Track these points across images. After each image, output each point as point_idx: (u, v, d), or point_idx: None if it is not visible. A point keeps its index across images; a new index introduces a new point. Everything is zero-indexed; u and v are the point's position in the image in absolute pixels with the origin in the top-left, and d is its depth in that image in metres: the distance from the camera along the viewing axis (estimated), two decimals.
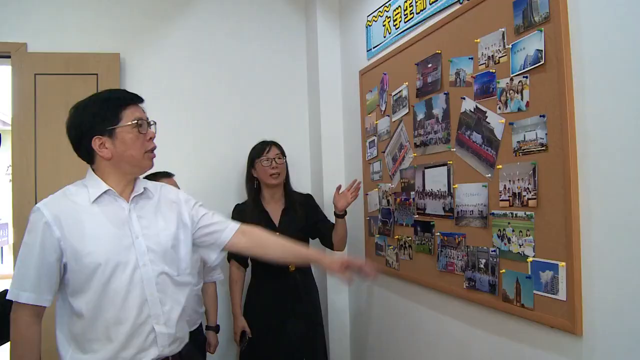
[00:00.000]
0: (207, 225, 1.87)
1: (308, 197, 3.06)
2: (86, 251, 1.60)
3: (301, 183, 3.39)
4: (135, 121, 1.67)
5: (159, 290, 1.67)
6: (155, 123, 1.76)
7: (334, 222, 2.85)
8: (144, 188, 1.77)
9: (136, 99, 1.74)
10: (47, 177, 2.99)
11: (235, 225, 1.91)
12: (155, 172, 2.42)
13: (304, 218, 2.91)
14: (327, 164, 3.32)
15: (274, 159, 2.86)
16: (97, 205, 1.67)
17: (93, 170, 1.73)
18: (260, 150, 2.90)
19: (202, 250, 1.92)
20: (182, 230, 1.81)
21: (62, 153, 2.99)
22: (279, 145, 2.95)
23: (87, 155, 1.71)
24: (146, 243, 1.68)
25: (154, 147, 1.75)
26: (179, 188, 2.34)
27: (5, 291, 1.88)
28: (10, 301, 1.62)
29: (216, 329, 2.86)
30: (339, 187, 2.69)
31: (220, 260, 1.98)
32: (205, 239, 1.88)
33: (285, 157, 2.94)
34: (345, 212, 2.76)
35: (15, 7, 3.09)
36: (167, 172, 2.60)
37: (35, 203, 2.91)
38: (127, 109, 1.69)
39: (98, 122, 1.65)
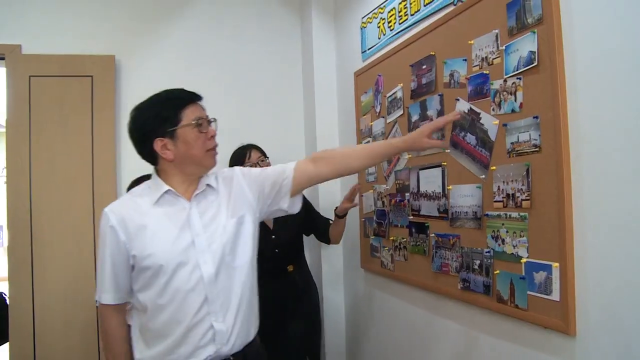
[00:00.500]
0: (271, 182, 1.83)
1: None
2: (148, 252, 1.63)
3: None
4: (195, 120, 1.67)
5: (219, 288, 1.67)
6: (215, 120, 1.76)
7: (326, 218, 2.86)
8: (207, 185, 1.77)
9: (195, 97, 1.73)
10: (41, 179, 2.99)
11: (291, 164, 1.86)
12: (142, 176, 2.32)
13: (297, 217, 2.90)
14: None
15: (257, 163, 2.82)
16: (159, 206, 1.70)
17: (157, 171, 1.76)
18: (241, 156, 2.84)
19: (272, 205, 1.86)
20: (247, 210, 1.80)
21: (57, 155, 3.00)
22: (259, 147, 2.92)
23: (150, 157, 1.73)
24: (207, 241, 1.68)
25: (216, 145, 1.75)
26: None
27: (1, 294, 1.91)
28: (6, 304, 1.65)
29: None
30: (349, 195, 2.68)
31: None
32: (273, 195, 1.84)
33: (268, 157, 2.91)
34: (346, 213, 2.78)
35: (9, 8, 3.08)
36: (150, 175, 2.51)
37: (30, 205, 2.96)
38: (186, 108, 1.69)
39: (158, 124, 1.66)
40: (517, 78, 1.65)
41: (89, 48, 3.14)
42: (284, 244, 2.79)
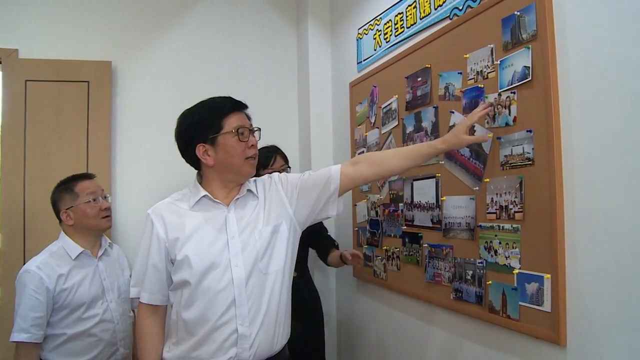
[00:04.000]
0: (318, 191, 1.82)
1: None
2: (183, 252, 1.69)
3: None
4: (236, 129, 1.73)
5: (249, 292, 1.70)
6: (259, 129, 1.81)
7: (333, 239, 2.90)
8: (248, 190, 1.82)
9: (239, 106, 1.79)
10: (35, 183, 2.98)
11: (336, 167, 1.84)
12: (75, 175, 2.35)
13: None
14: None
15: (279, 170, 2.70)
16: (196, 210, 1.76)
17: (198, 176, 1.84)
18: (265, 159, 2.73)
19: (321, 213, 1.85)
20: (283, 218, 1.81)
21: (52, 159, 3.00)
22: (283, 153, 2.85)
23: (193, 161, 1.80)
24: (241, 244, 1.71)
25: (255, 154, 1.78)
26: (102, 190, 2.36)
27: None
28: None
29: None
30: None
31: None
32: (322, 204, 1.83)
33: (290, 167, 2.85)
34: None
35: (7, 13, 3.09)
36: (87, 174, 2.42)
37: (24, 210, 2.95)
38: (229, 116, 1.74)
39: (201, 130, 1.73)
40: (512, 92, 1.68)
41: (86, 53, 3.15)
42: None
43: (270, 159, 2.76)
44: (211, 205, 1.77)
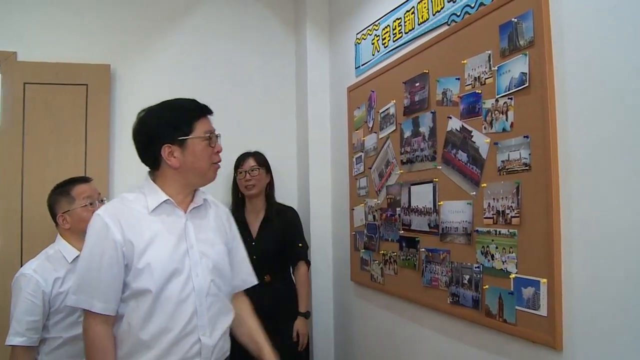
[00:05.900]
0: (231, 256, 1.87)
1: (289, 210, 3.11)
2: (144, 259, 1.61)
3: (288, 197, 3.39)
4: (207, 134, 1.72)
5: (209, 302, 1.68)
6: (219, 135, 1.78)
7: (303, 246, 3.01)
8: (204, 200, 1.81)
9: (207, 111, 1.77)
10: (33, 186, 2.98)
11: (250, 281, 1.97)
12: (71, 179, 2.33)
13: (281, 230, 2.94)
14: (314, 178, 3.35)
15: (248, 171, 2.95)
16: (155, 214, 1.69)
17: (152, 176, 1.76)
18: (238, 162, 3.02)
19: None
20: (228, 243, 1.85)
21: (50, 162, 3.00)
22: (259, 155, 3.03)
23: (152, 161, 1.74)
24: (200, 254, 1.69)
25: (220, 160, 1.77)
26: (99, 193, 2.34)
27: None
28: None
29: None
30: None
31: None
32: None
33: (265, 167, 3.01)
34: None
35: (6, 16, 3.09)
36: (84, 177, 2.43)
37: (21, 212, 2.94)
38: (199, 120, 1.72)
39: (170, 130, 1.68)
40: (509, 98, 1.69)
41: (85, 56, 3.15)
42: (263, 252, 2.80)
43: (240, 161, 3.01)
44: (171, 210, 1.71)
